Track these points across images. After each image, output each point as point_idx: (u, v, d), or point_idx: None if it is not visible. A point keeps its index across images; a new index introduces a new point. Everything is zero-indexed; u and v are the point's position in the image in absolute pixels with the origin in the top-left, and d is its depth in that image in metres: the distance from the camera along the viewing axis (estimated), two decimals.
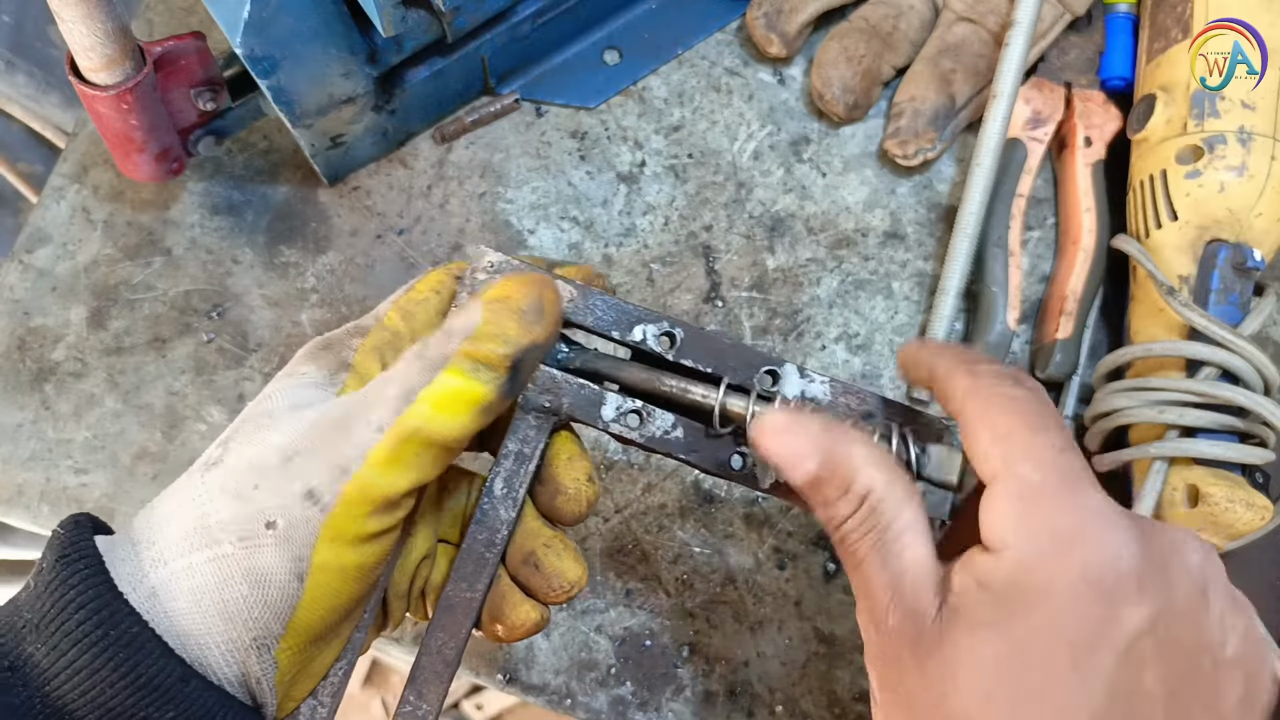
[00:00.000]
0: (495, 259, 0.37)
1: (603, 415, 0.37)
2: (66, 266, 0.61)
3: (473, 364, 0.31)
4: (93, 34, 0.45)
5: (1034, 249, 0.63)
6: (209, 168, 0.62)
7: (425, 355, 0.32)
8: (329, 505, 0.30)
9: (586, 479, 0.38)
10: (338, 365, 0.35)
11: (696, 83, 0.66)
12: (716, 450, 0.37)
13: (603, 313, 0.37)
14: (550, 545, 0.38)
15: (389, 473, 0.31)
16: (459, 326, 0.32)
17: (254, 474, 0.31)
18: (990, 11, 0.63)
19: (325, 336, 0.37)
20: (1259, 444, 0.52)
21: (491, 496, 0.37)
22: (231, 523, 0.31)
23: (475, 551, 0.36)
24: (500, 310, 0.32)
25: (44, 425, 0.58)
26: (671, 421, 0.37)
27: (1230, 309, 0.54)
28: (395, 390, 0.31)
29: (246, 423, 0.33)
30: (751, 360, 0.37)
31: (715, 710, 0.55)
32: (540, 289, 0.33)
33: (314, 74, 0.53)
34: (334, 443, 0.31)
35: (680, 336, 0.37)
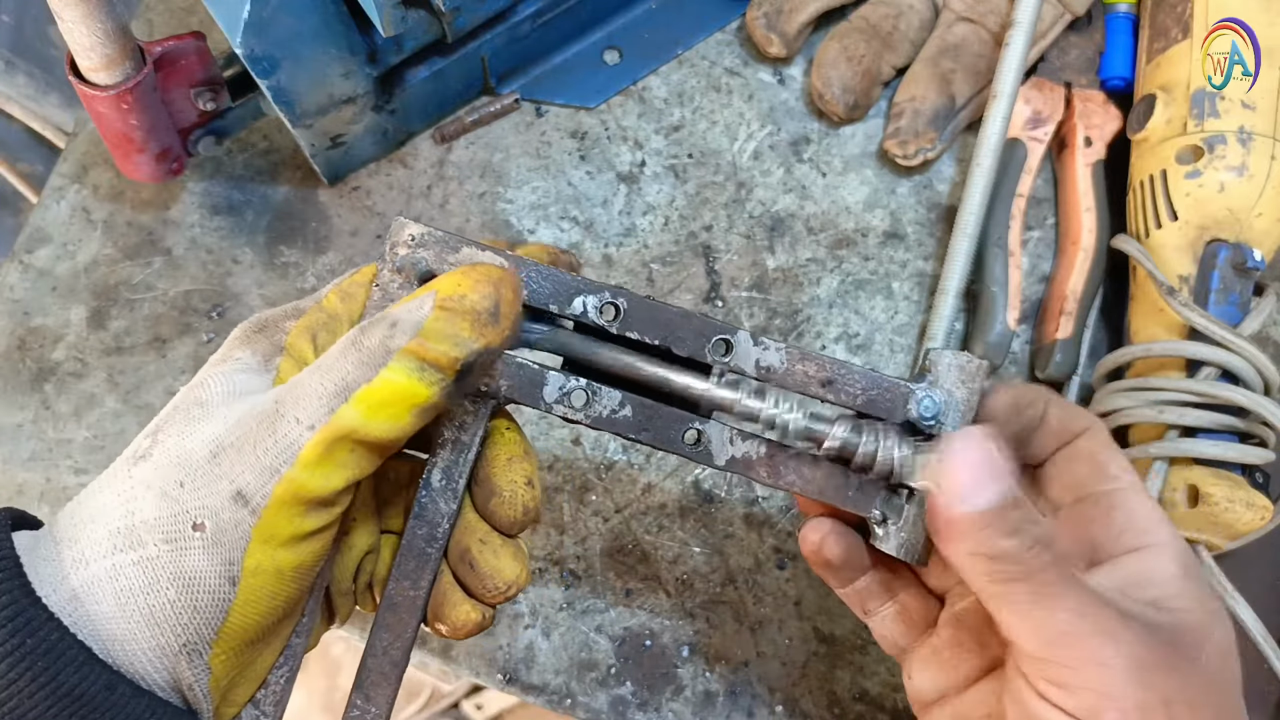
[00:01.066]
0: (417, 231, 0.34)
1: (544, 396, 0.35)
2: (66, 266, 0.61)
3: (418, 363, 0.29)
4: (93, 34, 0.45)
5: (1034, 249, 0.63)
6: (209, 168, 0.62)
7: (363, 345, 0.29)
8: (259, 507, 0.29)
9: (525, 482, 0.35)
10: (272, 349, 0.33)
11: (696, 83, 0.66)
12: (668, 427, 0.35)
13: (538, 285, 0.34)
14: (486, 541, 0.35)
15: (321, 472, 0.29)
16: (405, 319, 0.29)
17: (181, 470, 0.29)
18: (990, 11, 0.63)
19: (259, 317, 0.35)
20: (1259, 444, 0.52)
21: (429, 489, 0.34)
22: (156, 523, 0.29)
23: (416, 547, 0.34)
24: (454, 308, 0.30)
25: (44, 425, 0.58)
26: (619, 399, 0.35)
27: (1230, 309, 0.54)
28: (329, 385, 0.29)
29: (177, 412, 0.31)
30: (702, 329, 0.35)
31: (715, 710, 0.55)
32: (498, 287, 0.31)
33: (314, 74, 0.53)
34: (263, 439, 0.29)
35: (624, 307, 0.35)
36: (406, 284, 0.34)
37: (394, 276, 0.34)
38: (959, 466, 0.31)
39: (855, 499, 0.36)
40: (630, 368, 0.35)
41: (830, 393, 0.35)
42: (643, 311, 0.35)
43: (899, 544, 0.36)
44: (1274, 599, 0.58)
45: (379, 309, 0.34)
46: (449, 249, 0.34)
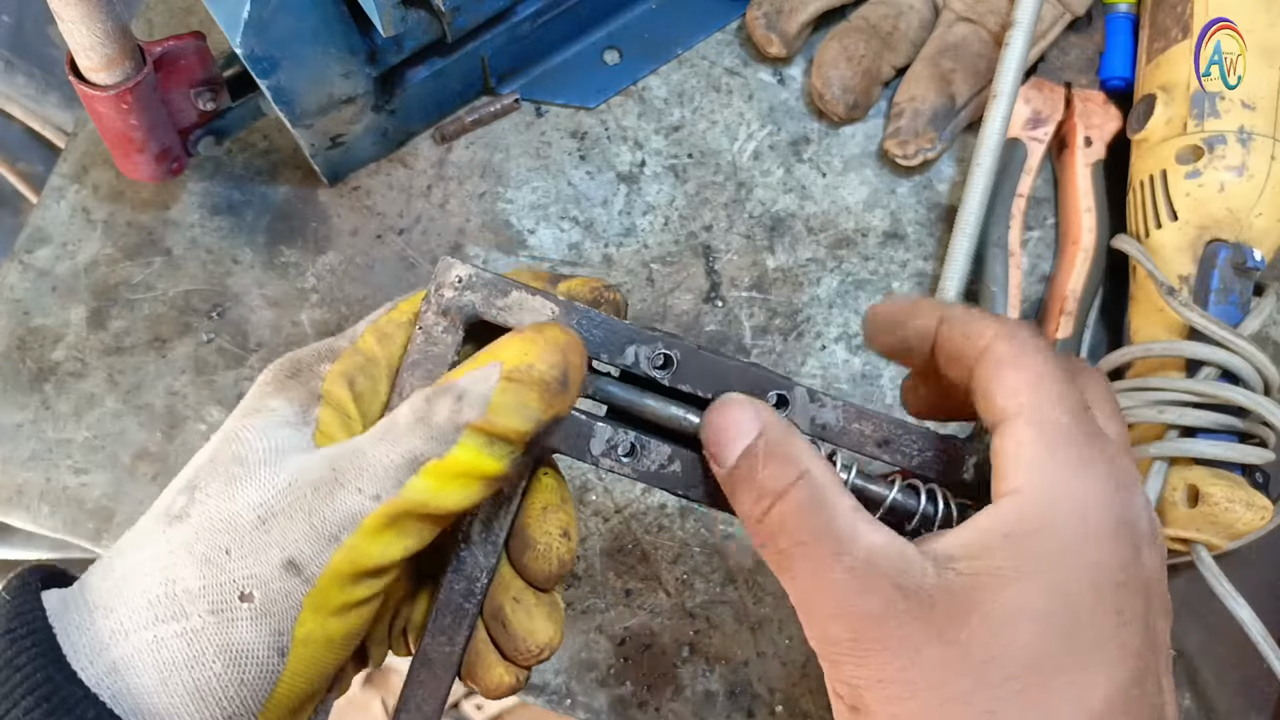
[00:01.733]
0: (464, 273, 0.33)
1: (591, 449, 0.33)
2: (66, 266, 0.61)
3: (488, 439, 0.28)
4: (92, 34, 0.45)
5: (1034, 249, 0.63)
6: (209, 168, 0.62)
7: (431, 421, 0.28)
8: (314, 575, 0.28)
9: (560, 534, 0.34)
10: (308, 398, 0.32)
11: (696, 83, 0.66)
12: (717, 485, 0.33)
13: (589, 332, 0.33)
14: (520, 600, 0.34)
15: (382, 541, 0.28)
16: (472, 391, 0.28)
17: (226, 536, 0.28)
18: (990, 11, 0.63)
19: (291, 359, 0.33)
20: (1259, 444, 0.52)
21: (469, 542, 0.33)
22: (201, 592, 0.27)
23: (453, 602, 0.33)
24: (522, 379, 0.28)
25: (44, 425, 0.58)
26: (668, 454, 0.33)
27: (1230, 309, 0.54)
28: (395, 458, 0.28)
29: (215, 468, 0.30)
30: (758, 382, 0.33)
31: (715, 710, 0.55)
32: (565, 354, 0.29)
33: (314, 74, 0.53)
34: (319, 508, 0.28)
35: (677, 358, 0.33)
36: (452, 327, 0.33)
37: (439, 319, 0.33)
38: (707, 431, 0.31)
39: None
40: (681, 421, 0.33)
41: (886, 453, 0.34)
42: (696, 363, 0.33)
43: None
44: (1274, 599, 0.58)
45: (422, 354, 0.33)
46: (497, 292, 0.33)
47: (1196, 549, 0.52)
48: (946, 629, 0.27)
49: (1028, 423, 0.29)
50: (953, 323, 0.32)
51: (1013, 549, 0.28)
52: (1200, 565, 0.52)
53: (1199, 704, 0.57)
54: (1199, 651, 0.57)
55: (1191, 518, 0.51)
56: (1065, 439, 0.29)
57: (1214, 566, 0.52)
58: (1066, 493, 0.28)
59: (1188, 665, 0.57)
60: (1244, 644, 0.55)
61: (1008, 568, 0.28)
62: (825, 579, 0.28)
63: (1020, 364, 0.30)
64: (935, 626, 0.28)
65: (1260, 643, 0.51)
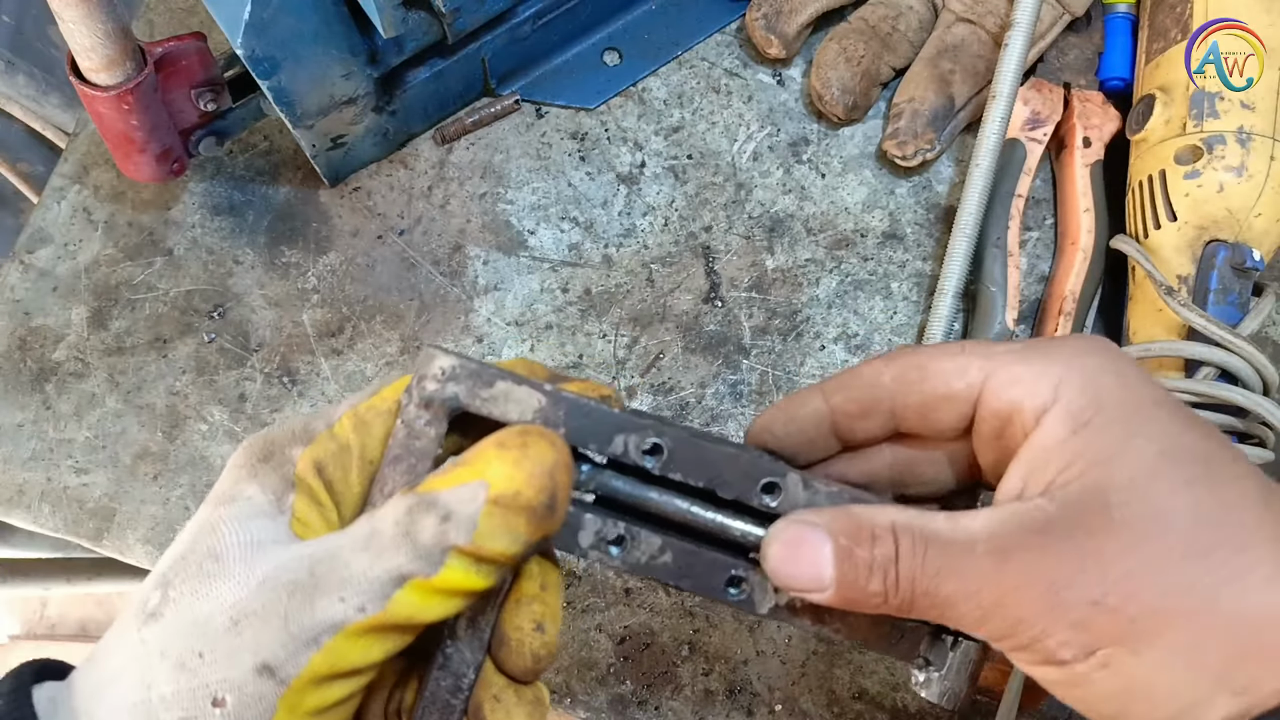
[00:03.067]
0: (447, 365, 0.31)
1: (580, 541, 0.33)
2: (67, 267, 0.61)
3: (475, 561, 0.28)
4: (93, 34, 0.45)
5: (1033, 249, 0.63)
6: (210, 168, 0.63)
7: (417, 540, 0.28)
8: (288, 678, 0.27)
9: (533, 627, 0.33)
10: (281, 485, 0.31)
11: (696, 84, 0.66)
12: (710, 574, 0.33)
13: (577, 423, 0.32)
14: (500, 699, 0.33)
15: (364, 645, 0.28)
16: (459, 512, 0.28)
17: (198, 638, 0.28)
18: (989, 12, 0.63)
19: (263, 440, 0.32)
20: (1258, 444, 0.52)
21: (455, 638, 0.32)
22: (175, 698, 0.27)
23: (440, 699, 0.32)
24: (510, 505, 0.28)
25: (45, 425, 0.58)
26: (659, 545, 0.33)
27: (1229, 309, 0.54)
28: (382, 572, 0.28)
29: (188, 564, 0.29)
30: (750, 470, 0.33)
31: (715, 709, 0.55)
32: (554, 477, 0.28)
33: (315, 75, 0.53)
34: (296, 613, 0.28)
35: (667, 447, 0.32)
36: (435, 420, 0.32)
37: (421, 412, 0.32)
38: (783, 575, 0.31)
39: (900, 646, 0.35)
40: (673, 511, 0.33)
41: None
42: (687, 451, 0.32)
43: (941, 691, 0.35)
44: None
45: (404, 448, 0.32)
46: (482, 383, 0.32)
47: None
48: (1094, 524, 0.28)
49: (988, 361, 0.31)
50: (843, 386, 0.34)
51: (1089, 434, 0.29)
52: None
53: None
54: None
55: None
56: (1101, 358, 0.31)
57: None
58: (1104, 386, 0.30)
59: None
60: None
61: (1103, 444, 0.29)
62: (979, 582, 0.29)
63: (946, 354, 0.32)
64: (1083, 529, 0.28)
65: None
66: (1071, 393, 0.30)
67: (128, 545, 0.56)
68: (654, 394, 0.60)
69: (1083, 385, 0.30)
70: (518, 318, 0.61)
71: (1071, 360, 0.30)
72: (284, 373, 0.59)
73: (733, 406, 0.59)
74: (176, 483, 0.57)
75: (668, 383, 0.60)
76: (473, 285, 0.61)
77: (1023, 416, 0.30)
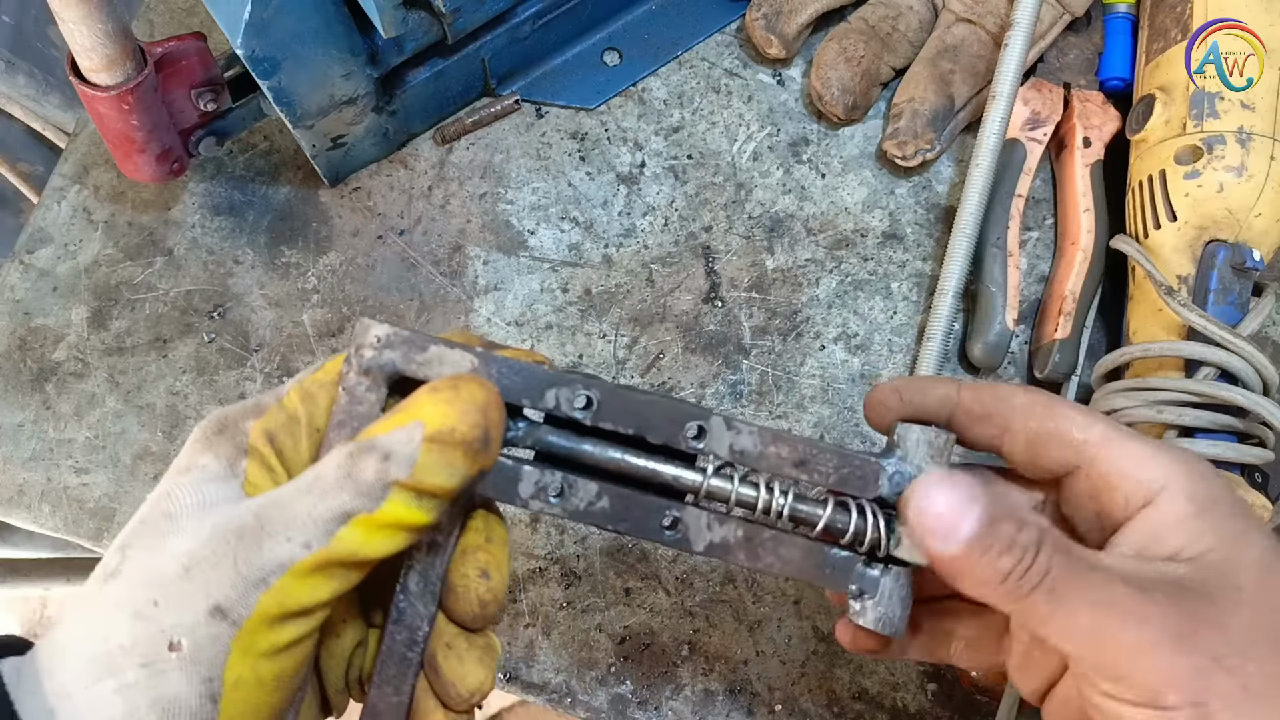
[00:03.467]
0: (382, 333, 0.33)
1: (520, 492, 0.34)
2: (67, 267, 0.61)
3: (416, 495, 0.29)
4: (93, 35, 0.45)
5: (1032, 249, 0.63)
6: (210, 168, 0.63)
7: (358, 478, 0.29)
8: (241, 618, 0.28)
9: (478, 574, 0.34)
10: (235, 452, 0.33)
11: (696, 84, 0.66)
12: (645, 516, 0.35)
13: (509, 380, 0.34)
14: (452, 646, 0.35)
15: (310, 584, 0.29)
16: (398, 451, 0.29)
17: (153, 588, 0.29)
18: (989, 12, 0.63)
19: (218, 417, 0.34)
20: (1258, 444, 0.52)
21: (407, 593, 0.34)
22: (132, 646, 0.28)
23: (397, 653, 0.34)
24: (446, 440, 0.30)
25: (45, 425, 0.58)
26: (595, 491, 0.35)
27: (1229, 309, 0.54)
28: (326, 511, 0.29)
29: (145, 525, 0.31)
30: (675, 415, 0.35)
31: (715, 708, 0.55)
32: (486, 413, 0.30)
33: (315, 75, 0.53)
34: (245, 554, 0.29)
35: (597, 399, 0.34)
36: (374, 386, 0.33)
37: (360, 379, 0.33)
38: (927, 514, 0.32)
39: (832, 576, 0.36)
40: (607, 460, 0.35)
41: (803, 472, 0.36)
42: (615, 402, 0.34)
43: (876, 618, 0.36)
44: None
45: (346, 414, 0.34)
46: (416, 348, 0.33)
47: None
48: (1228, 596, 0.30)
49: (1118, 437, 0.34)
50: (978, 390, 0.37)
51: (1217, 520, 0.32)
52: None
53: None
54: None
55: None
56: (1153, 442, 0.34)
57: None
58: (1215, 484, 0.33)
59: None
60: None
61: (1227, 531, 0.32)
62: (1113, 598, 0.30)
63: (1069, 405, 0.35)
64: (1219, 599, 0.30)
65: None
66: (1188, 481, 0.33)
67: None
68: None
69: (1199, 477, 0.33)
70: (518, 318, 0.61)
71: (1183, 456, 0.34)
72: (284, 373, 0.59)
73: (733, 406, 0.59)
74: None
75: (668, 383, 0.60)
76: (473, 285, 0.61)
77: (1128, 486, 0.33)
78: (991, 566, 0.31)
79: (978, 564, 0.31)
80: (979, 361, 0.59)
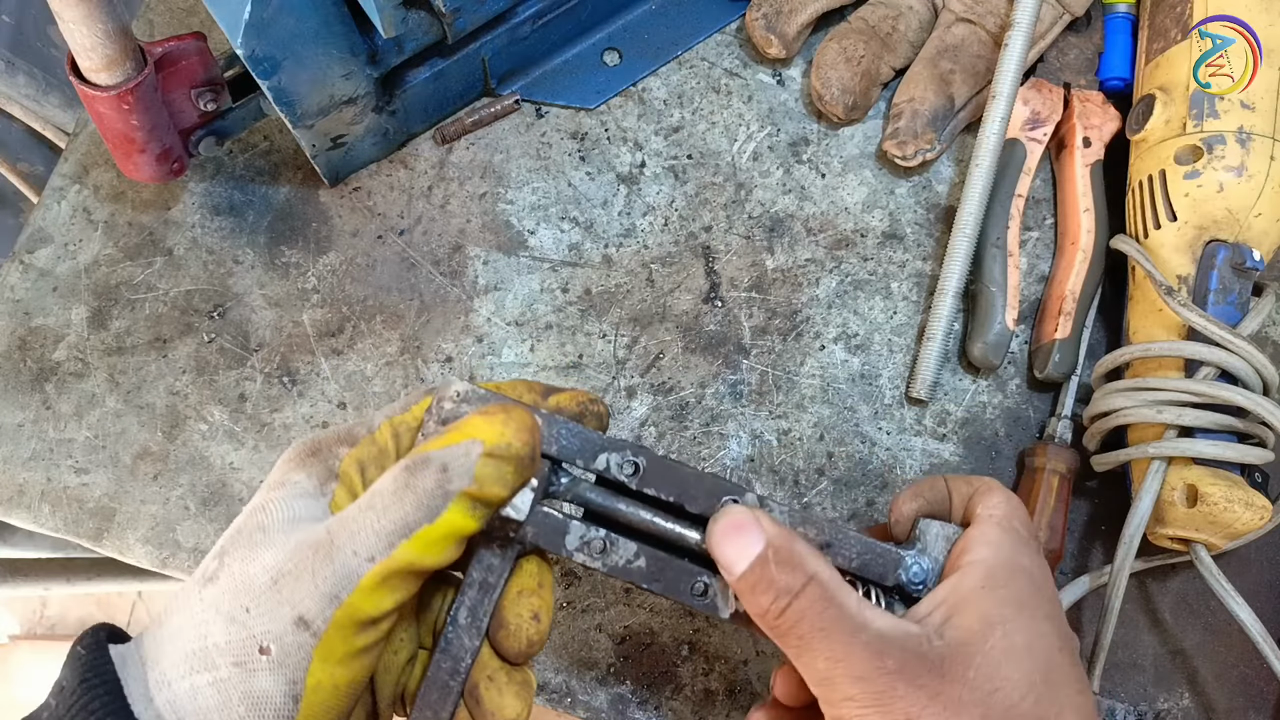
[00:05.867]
0: (462, 389, 0.38)
1: (566, 544, 0.38)
2: (67, 266, 0.61)
3: (472, 504, 0.33)
4: (93, 34, 0.45)
5: (1032, 249, 0.63)
6: (210, 168, 0.63)
7: (417, 488, 0.33)
8: (320, 630, 0.32)
9: (530, 616, 0.38)
10: (326, 474, 0.36)
11: (696, 84, 0.66)
12: (678, 579, 0.38)
13: (568, 441, 0.38)
14: (494, 679, 0.38)
15: (376, 597, 0.32)
16: (455, 465, 0.33)
17: (246, 596, 0.32)
18: (989, 12, 0.63)
19: (312, 440, 0.37)
20: (1258, 444, 0.52)
21: (456, 625, 0.37)
22: (227, 646, 0.32)
23: (440, 680, 0.37)
24: (502, 455, 0.33)
25: (45, 425, 0.58)
26: (634, 550, 0.38)
27: (1229, 309, 0.54)
28: (387, 524, 0.32)
29: (241, 535, 0.34)
30: (713, 489, 0.38)
31: (715, 708, 0.55)
32: (534, 435, 0.34)
33: (315, 75, 0.53)
34: (320, 569, 0.32)
35: (644, 466, 0.38)
36: None
37: (439, 429, 0.37)
38: (716, 541, 0.36)
39: None
40: (646, 523, 0.38)
41: (828, 555, 0.38)
42: (660, 470, 0.38)
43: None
44: (1273, 599, 0.58)
45: None
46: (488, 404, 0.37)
47: (1195, 549, 0.53)
48: (954, 672, 0.34)
49: (997, 524, 0.39)
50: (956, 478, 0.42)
51: (991, 599, 0.36)
52: (1199, 565, 0.52)
53: (1199, 704, 0.57)
54: (1198, 651, 0.57)
55: (1190, 518, 0.51)
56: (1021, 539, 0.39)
57: (1213, 566, 0.52)
58: (1022, 566, 0.37)
59: (1187, 665, 0.57)
60: (1243, 644, 0.55)
61: (993, 614, 0.35)
62: (848, 654, 0.34)
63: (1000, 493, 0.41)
64: (946, 672, 0.34)
65: (1260, 643, 0.52)
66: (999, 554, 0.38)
67: (127, 545, 0.57)
68: (654, 394, 0.60)
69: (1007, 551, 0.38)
70: (518, 318, 0.61)
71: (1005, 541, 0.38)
72: (284, 373, 0.59)
73: (732, 406, 0.59)
74: (176, 482, 0.57)
75: (668, 383, 0.60)
76: (473, 285, 0.61)
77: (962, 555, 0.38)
78: (754, 602, 0.35)
79: (748, 600, 0.36)
80: (979, 361, 0.59)
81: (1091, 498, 0.59)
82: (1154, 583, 0.59)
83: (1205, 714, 0.57)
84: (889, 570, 0.38)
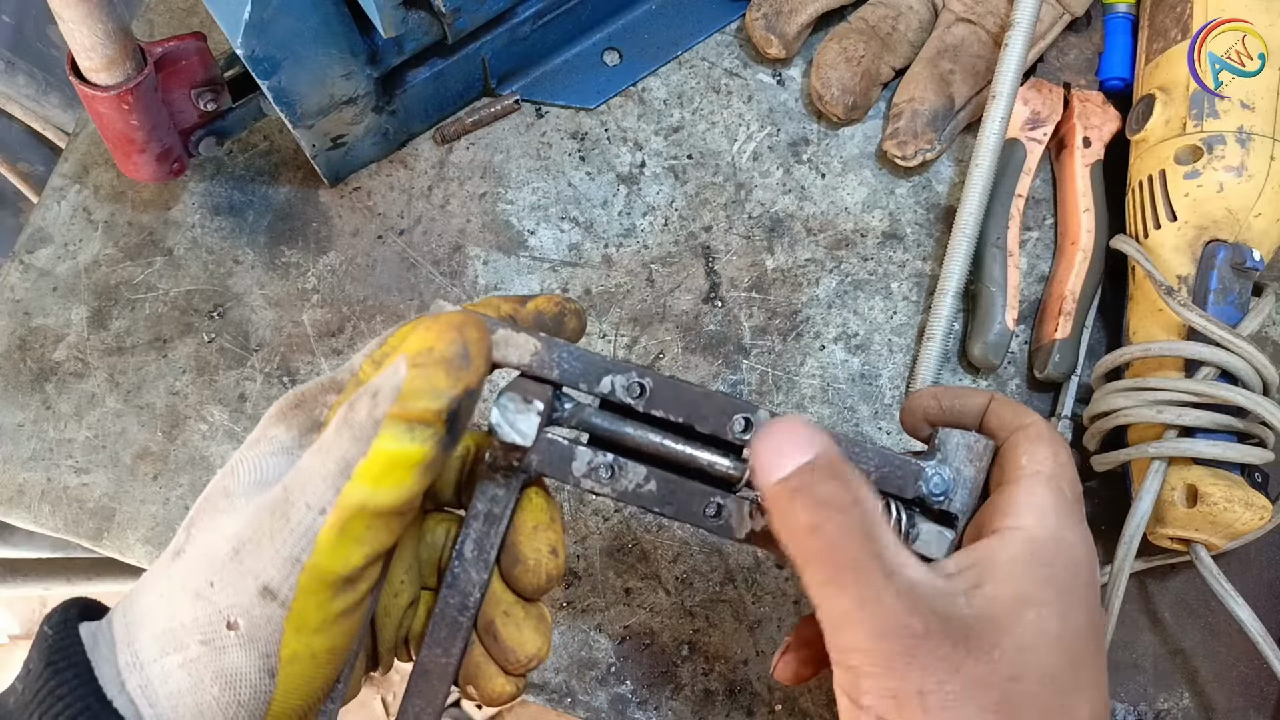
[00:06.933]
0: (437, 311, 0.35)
1: (573, 471, 0.36)
2: (67, 266, 0.61)
3: (407, 425, 0.29)
4: (93, 34, 0.45)
5: (1032, 249, 0.63)
6: (210, 168, 0.63)
7: (352, 422, 0.29)
8: (288, 599, 0.29)
9: (549, 551, 0.36)
10: (309, 424, 0.33)
11: (696, 84, 0.66)
12: (690, 501, 0.36)
13: (569, 365, 0.35)
14: (510, 614, 0.36)
15: (341, 553, 0.29)
16: (384, 386, 0.29)
17: (209, 569, 0.30)
18: (989, 12, 0.63)
19: (298, 391, 0.34)
20: (1258, 444, 0.52)
21: (462, 559, 0.35)
22: (194, 624, 0.30)
23: (448, 616, 0.35)
24: (425, 362, 0.30)
25: (45, 425, 0.58)
26: (644, 474, 0.36)
27: (1229, 309, 0.54)
28: (329, 465, 0.29)
29: (207, 503, 0.32)
30: (724, 407, 0.36)
31: (715, 709, 0.55)
32: (463, 332, 0.30)
33: (315, 75, 0.53)
34: (278, 531, 0.29)
35: (650, 387, 0.36)
36: None
37: None
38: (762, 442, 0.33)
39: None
40: (655, 445, 0.36)
41: None
42: (667, 391, 0.36)
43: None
44: (1274, 599, 0.58)
45: None
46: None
47: (1195, 549, 0.53)
48: (979, 648, 0.31)
49: (1045, 483, 0.35)
50: (1004, 403, 0.38)
51: (1030, 577, 0.33)
52: (1199, 565, 0.52)
53: (1199, 704, 0.57)
54: (1198, 651, 0.57)
55: (1190, 517, 0.51)
56: (1069, 504, 0.35)
57: (1213, 566, 0.52)
58: (1066, 542, 0.34)
59: (1187, 665, 0.57)
60: (1244, 644, 0.55)
61: (1030, 594, 0.32)
62: (876, 599, 0.31)
63: (1050, 443, 0.36)
64: (971, 646, 0.31)
65: (1260, 643, 0.52)
66: (1045, 524, 0.34)
67: (128, 545, 0.57)
68: None
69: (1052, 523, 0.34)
70: None
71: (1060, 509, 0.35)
72: (284, 373, 0.59)
73: None
74: (176, 482, 0.57)
75: None
76: (473, 285, 0.61)
77: (1004, 512, 0.35)
78: (790, 514, 0.32)
79: (782, 507, 0.32)
80: (979, 361, 0.59)
81: (1091, 498, 0.59)
82: (1154, 583, 0.59)
83: (1205, 714, 0.57)
84: (909, 482, 0.36)
